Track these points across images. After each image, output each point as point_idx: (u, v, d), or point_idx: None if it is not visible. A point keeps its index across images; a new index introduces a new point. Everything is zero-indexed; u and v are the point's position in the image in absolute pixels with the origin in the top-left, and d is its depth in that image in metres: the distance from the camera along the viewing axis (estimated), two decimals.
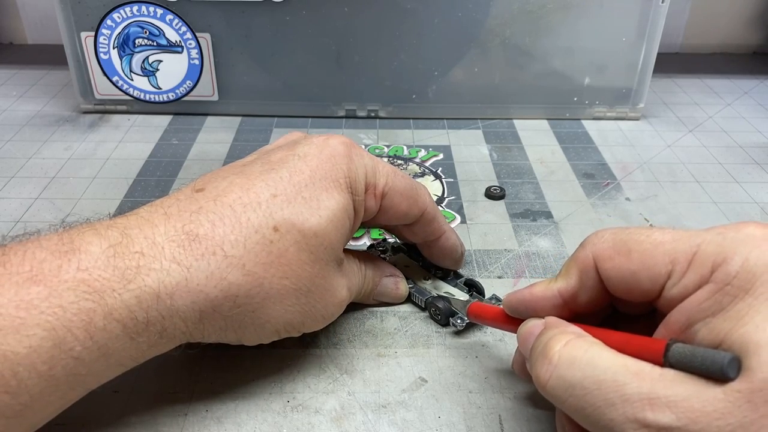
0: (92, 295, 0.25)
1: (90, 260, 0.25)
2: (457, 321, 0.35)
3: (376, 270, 0.36)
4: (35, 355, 0.23)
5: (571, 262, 0.27)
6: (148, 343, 0.27)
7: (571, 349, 0.23)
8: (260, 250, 0.28)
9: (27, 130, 0.59)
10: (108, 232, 0.27)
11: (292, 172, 0.30)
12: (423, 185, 0.36)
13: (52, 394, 0.24)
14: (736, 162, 0.55)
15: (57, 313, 0.24)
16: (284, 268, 0.29)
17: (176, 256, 0.27)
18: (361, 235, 0.44)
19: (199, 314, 0.27)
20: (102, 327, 0.25)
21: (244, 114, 0.61)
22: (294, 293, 0.29)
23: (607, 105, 0.61)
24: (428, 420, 0.31)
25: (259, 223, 0.28)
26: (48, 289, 0.24)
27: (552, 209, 0.48)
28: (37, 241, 0.26)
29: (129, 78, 0.59)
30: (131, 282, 0.26)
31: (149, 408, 0.31)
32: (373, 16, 0.56)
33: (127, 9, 0.56)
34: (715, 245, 0.22)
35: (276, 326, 0.30)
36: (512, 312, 0.30)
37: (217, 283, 0.27)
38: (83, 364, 0.25)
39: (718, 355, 0.20)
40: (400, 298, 0.38)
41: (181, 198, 0.30)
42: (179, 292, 0.27)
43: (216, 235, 0.28)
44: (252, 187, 0.29)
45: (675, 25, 0.76)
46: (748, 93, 0.68)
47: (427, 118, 0.61)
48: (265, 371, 0.33)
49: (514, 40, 0.57)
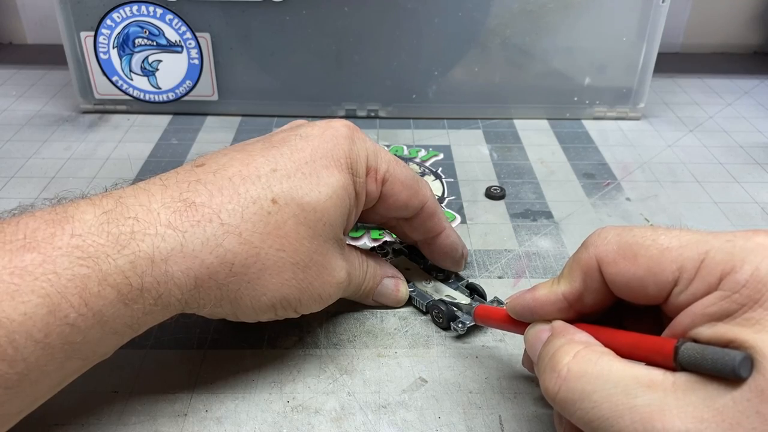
0: (86, 261, 0.25)
1: (84, 227, 0.25)
2: (459, 325, 0.35)
3: (378, 268, 0.36)
4: (30, 323, 0.23)
5: (574, 264, 0.27)
6: (143, 310, 0.26)
7: (580, 362, 0.23)
8: (257, 221, 0.28)
9: (27, 130, 0.59)
10: (103, 200, 0.27)
11: (293, 150, 0.31)
12: (424, 180, 0.36)
13: (48, 363, 0.24)
14: (737, 162, 0.54)
15: (51, 279, 0.24)
16: (281, 240, 0.29)
17: (172, 222, 0.27)
18: (361, 235, 0.44)
19: (194, 281, 0.27)
20: (96, 293, 0.25)
21: (243, 114, 0.61)
22: (291, 267, 0.29)
23: (608, 105, 0.61)
24: (428, 420, 0.31)
25: (258, 194, 0.29)
26: (42, 255, 0.24)
27: (552, 209, 0.48)
28: (31, 213, 0.26)
29: (129, 78, 0.59)
30: (125, 247, 0.26)
31: (149, 408, 0.31)
32: (373, 16, 0.56)
33: (127, 9, 0.56)
34: (724, 253, 0.22)
35: (272, 300, 0.29)
36: (517, 317, 0.29)
37: (213, 250, 0.27)
38: (78, 331, 0.25)
39: (729, 354, 0.20)
40: (400, 302, 0.37)
41: (180, 171, 0.30)
42: (174, 258, 0.27)
43: (213, 203, 0.28)
44: (252, 162, 0.30)
45: (675, 25, 0.76)
46: (749, 93, 0.68)
47: (427, 118, 0.61)
48: (265, 371, 0.33)
49: (514, 40, 0.57)
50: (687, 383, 0.21)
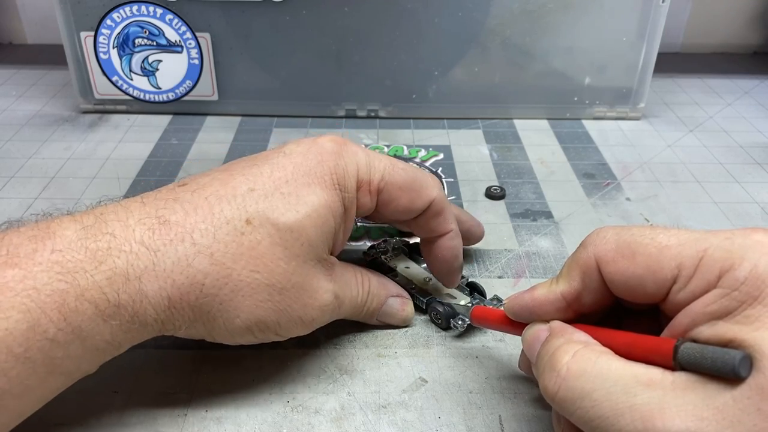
0: (65, 276, 0.25)
1: (64, 243, 0.26)
2: (458, 322, 0.35)
3: (381, 288, 0.35)
4: (11, 338, 0.24)
5: (573, 263, 0.27)
6: (120, 327, 0.27)
7: (579, 361, 0.23)
8: (230, 241, 0.28)
9: (27, 130, 0.59)
10: (84, 217, 0.27)
11: (273, 168, 0.30)
12: (434, 177, 0.35)
13: (29, 377, 0.24)
14: (737, 162, 0.54)
15: (31, 294, 0.24)
16: (255, 261, 0.28)
17: (145, 240, 0.27)
18: (361, 236, 0.44)
19: (167, 301, 0.27)
20: (74, 308, 0.25)
21: (243, 114, 0.61)
22: (266, 288, 0.29)
23: (608, 105, 0.61)
24: (428, 420, 0.31)
25: (232, 215, 0.28)
26: (23, 271, 0.25)
27: (552, 209, 0.48)
28: (16, 229, 0.27)
29: (129, 78, 0.59)
30: (102, 263, 0.26)
31: (149, 408, 0.31)
32: (373, 16, 0.56)
33: (127, 9, 0.56)
34: (723, 251, 0.22)
35: (246, 322, 0.29)
36: (515, 317, 0.29)
37: (184, 270, 0.27)
38: (59, 346, 0.25)
39: (728, 353, 0.20)
40: (406, 321, 0.36)
41: (162, 190, 0.30)
42: (147, 276, 0.27)
43: (187, 223, 0.28)
44: (231, 182, 0.30)
45: (675, 25, 0.76)
46: (749, 93, 0.68)
47: (427, 118, 0.61)
48: (265, 371, 0.33)
49: (514, 40, 0.57)
50: (686, 382, 0.21)
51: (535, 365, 0.26)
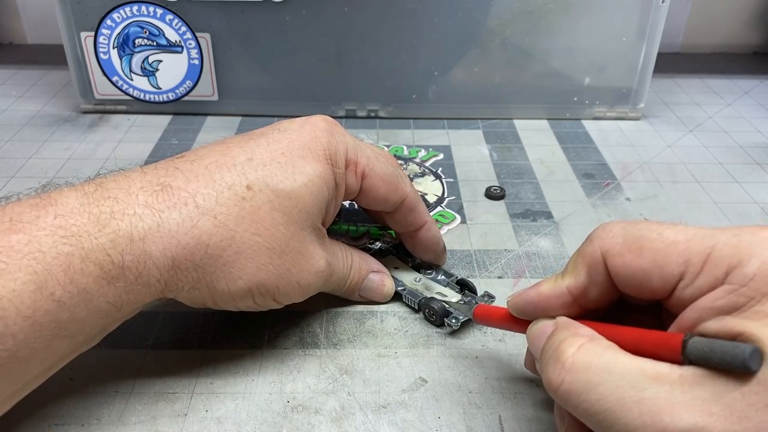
0: (69, 239, 0.26)
1: (66, 209, 0.26)
2: (452, 320, 0.35)
3: (363, 263, 0.37)
4: (18, 300, 0.24)
5: (579, 258, 0.26)
6: (125, 288, 0.27)
7: (584, 354, 0.23)
8: (232, 205, 0.29)
9: (27, 130, 0.59)
10: (85, 186, 0.28)
11: (270, 141, 0.32)
12: (405, 175, 0.37)
13: (36, 340, 0.25)
14: (737, 162, 0.54)
15: (38, 257, 0.25)
16: (256, 225, 0.29)
17: (149, 202, 0.28)
18: (362, 235, 0.44)
19: (171, 261, 0.28)
20: (80, 270, 0.26)
21: (243, 114, 0.61)
22: (267, 251, 0.30)
23: (608, 105, 0.61)
24: (428, 420, 0.31)
25: (233, 181, 0.30)
26: (27, 236, 0.25)
27: (552, 209, 0.48)
28: (17, 200, 0.27)
29: (129, 78, 0.59)
30: (106, 226, 0.27)
31: (149, 408, 0.31)
32: (373, 16, 0.56)
33: (127, 9, 0.56)
34: (731, 247, 0.22)
35: (248, 284, 0.30)
36: (519, 314, 0.29)
37: (188, 230, 0.28)
38: (65, 308, 0.25)
39: (738, 347, 0.20)
40: (386, 297, 0.38)
41: (161, 162, 0.31)
42: (151, 237, 0.27)
43: (189, 188, 0.29)
44: (228, 152, 0.31)
45: (675, 25, 0.76)
46: (749, 93, 0.68)
47: (427, 118, 0.61)
48: (265, 371, 0.33)
49: (514, 40, 0.57)
50: (694, 377, 0.21)
51: (540, 358, 0.26)
